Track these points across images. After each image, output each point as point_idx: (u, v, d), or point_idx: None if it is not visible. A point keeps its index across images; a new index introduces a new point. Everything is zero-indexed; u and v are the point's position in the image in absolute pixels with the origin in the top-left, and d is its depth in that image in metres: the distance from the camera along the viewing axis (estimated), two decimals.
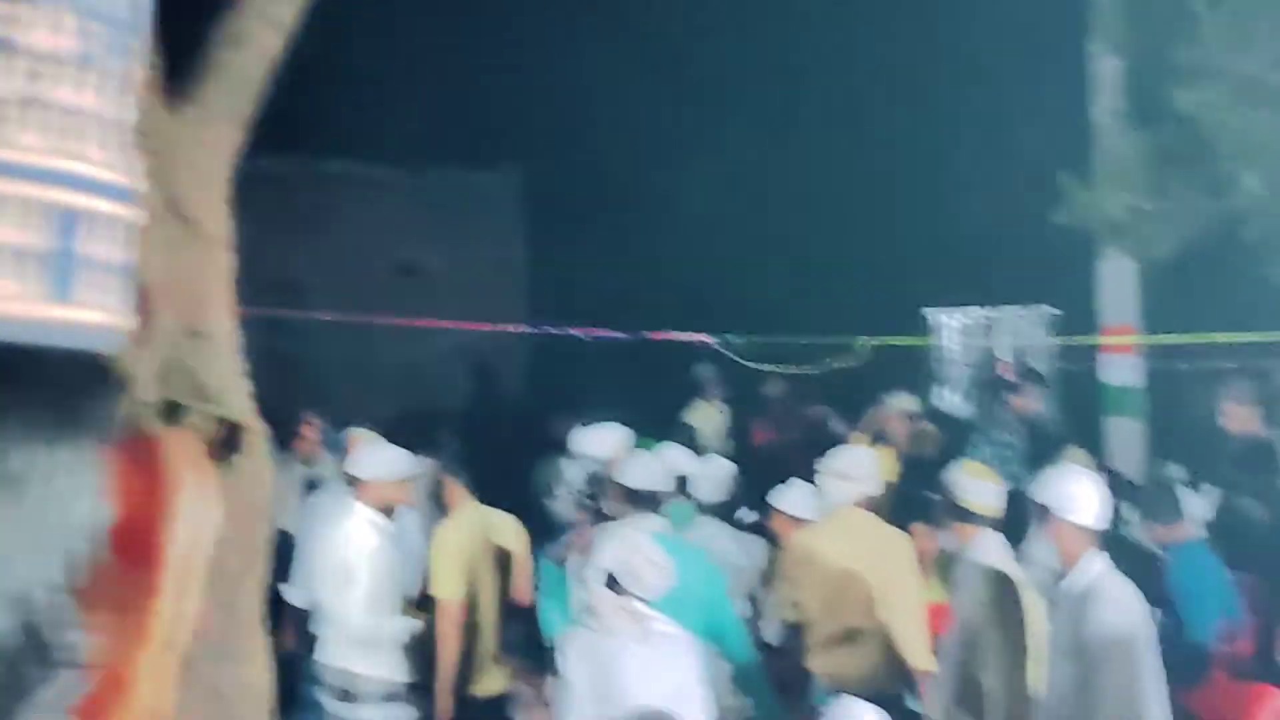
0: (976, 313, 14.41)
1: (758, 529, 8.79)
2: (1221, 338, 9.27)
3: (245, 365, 5.08)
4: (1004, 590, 6.32)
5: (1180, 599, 8.69)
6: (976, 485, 6.61)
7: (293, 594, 9.25)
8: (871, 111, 17.17)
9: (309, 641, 8.66)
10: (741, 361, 7.64)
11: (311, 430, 10.51)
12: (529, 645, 7.61)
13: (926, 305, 14.39)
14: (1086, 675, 5.75)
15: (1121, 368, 13.30)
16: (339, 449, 10.22)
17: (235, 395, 4.94)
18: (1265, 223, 11.10)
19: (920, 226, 17.04)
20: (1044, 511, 5.97)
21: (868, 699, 5.63)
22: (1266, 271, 11.17)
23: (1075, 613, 5.82)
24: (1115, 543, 8.98)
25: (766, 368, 8.20)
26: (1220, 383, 10.03)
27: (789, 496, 8.62)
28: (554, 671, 7.42)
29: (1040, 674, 6.33)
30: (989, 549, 6.46)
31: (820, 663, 7.60)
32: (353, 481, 7.93)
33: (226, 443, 4.76)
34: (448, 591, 7.93)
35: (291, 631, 9.28)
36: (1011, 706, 6.28)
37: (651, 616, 5.74)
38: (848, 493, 7.44)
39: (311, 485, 10.33)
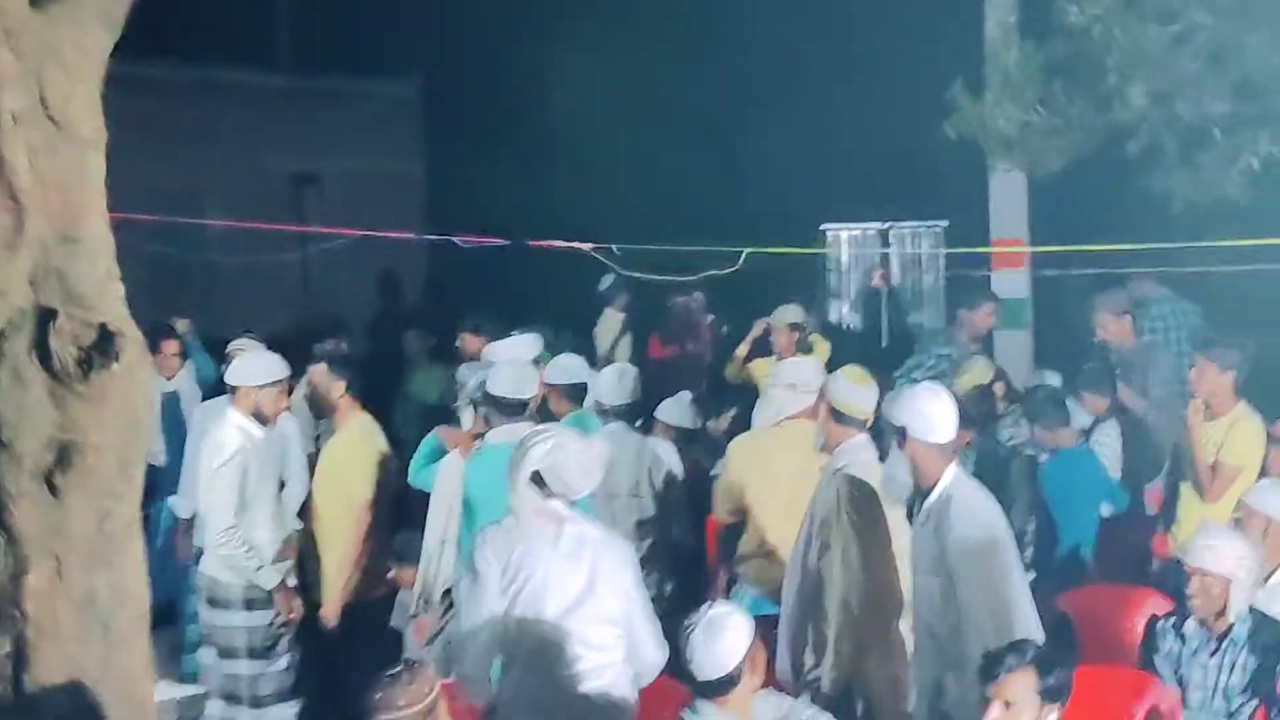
0: (868, 227, 14.51)
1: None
2: (1103, 248, 9.42)
3: (122, 271, 5.06)
4: (864, 496, 6.39)
5: (1056, 502, 8.89)
6: (853, 389, 6.63)
7: (180, 506, 9.24)
8: (766, 25, 17.16)
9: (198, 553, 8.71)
10: (618, 270, 7.71)
11: (170, 344, 10.30)
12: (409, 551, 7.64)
13: (819, 219, 14.50)
14: (953, 585, 5.85)
15: (1011, 281, 13.46)
16: (211, 358, 10.17)
17: (110, 301, 4.91)
18: (1150, 136, 11.24)
19: (813, 141, 17.10)
20: (902, 432, 6.00)
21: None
22: (1150, 183, 11.33)
23: (938, 526, 5.91)
24: (1000, 449, 9.16)
25: (646, 276, 8.25)
26: (1100, 292, 10.24)
27: (666, 407, 8.76)
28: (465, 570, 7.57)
29: (893, 583, 6.46)
30: (858, 454, 6.53)
31: (748, 567, 7.72)
32: (231, 389, 7.95)
33: (100, 349, 4.74)
34: (358, 493, 8.09)
35: (182, 543, 9.29)
36: (861, 615, 6.37)
37: (570, 518, 5.79)
38: (794, 403, 7.51)
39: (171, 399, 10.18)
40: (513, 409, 7.48)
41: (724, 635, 5.13)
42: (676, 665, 5.41)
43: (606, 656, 5.77)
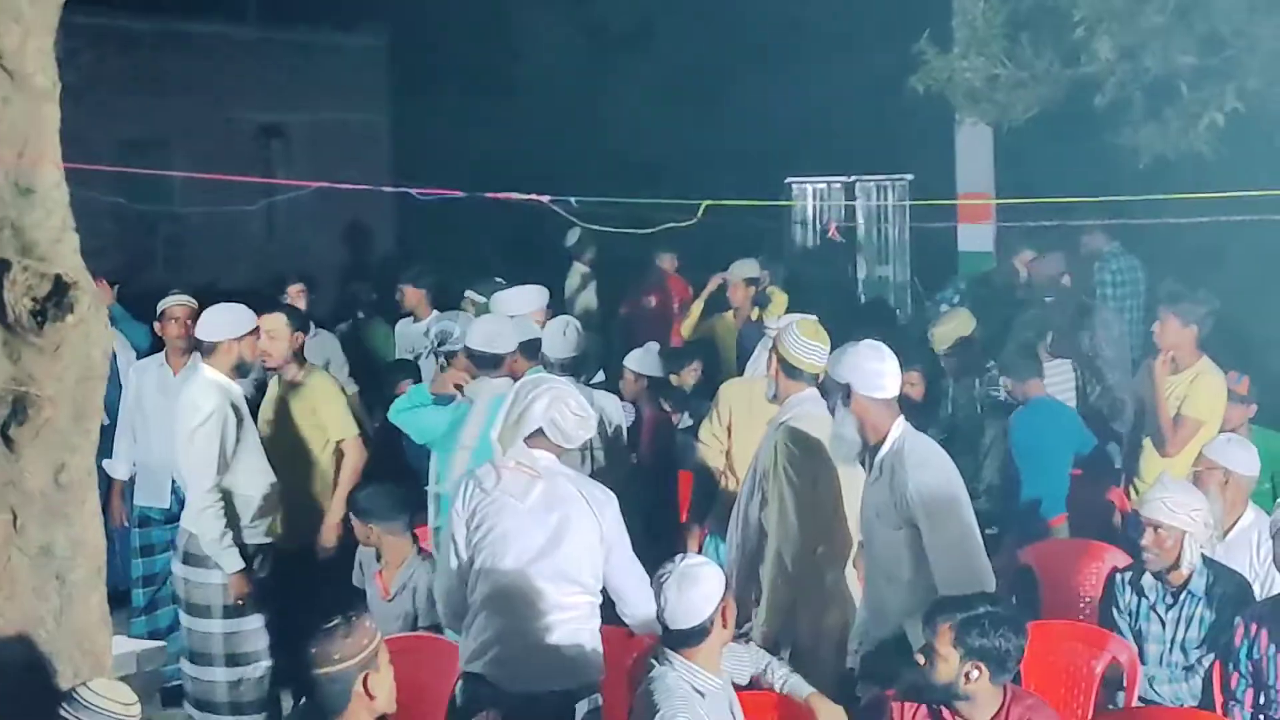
0: (834, 180, 14.50)
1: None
2: (1069, 200, 9.42)
3: (77, 223, 5.02)
4: (803, 450, 6.40)
5: (1023, 454, 8.92)
6: (805, 343, 6.60)
7: (114, 467, 9.13)
8: None
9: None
10: (578, 222, 7.69)
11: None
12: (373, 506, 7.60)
13: (784, 172, 14.49)
14: (917, 535, 5.85)
15: (977, 235, 13.51)
16: (140, 324, 10.07)
17: (65, 252, 4.88)
18: (1116, 89, 11.25)
19: (779, 94, 17.07)
20: (846, 390, 5.99)
21: None
22: (1116, 137, 11.35)
23: (892, 478, 5.90)
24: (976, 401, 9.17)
25: (606, 229, 8.22)
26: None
27: (637, 357, 8.76)
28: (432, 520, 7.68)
29: (834, 537, 6.50)
30: (804, 407, 6.54)
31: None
32: (200, 346, 7.85)
33: (55, 300, 4.71)
34: (344, 430, 8.26)
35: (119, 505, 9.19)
36: (796, 569, 6.40)
37: (548, 474, 5.79)
38: None
39: None
40: (488, 363, 7.59)
41: (696, 586, 5.15)
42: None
43: (571, 611, 5.77)
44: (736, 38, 17.62)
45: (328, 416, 8.28)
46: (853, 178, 14.39)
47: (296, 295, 10.47)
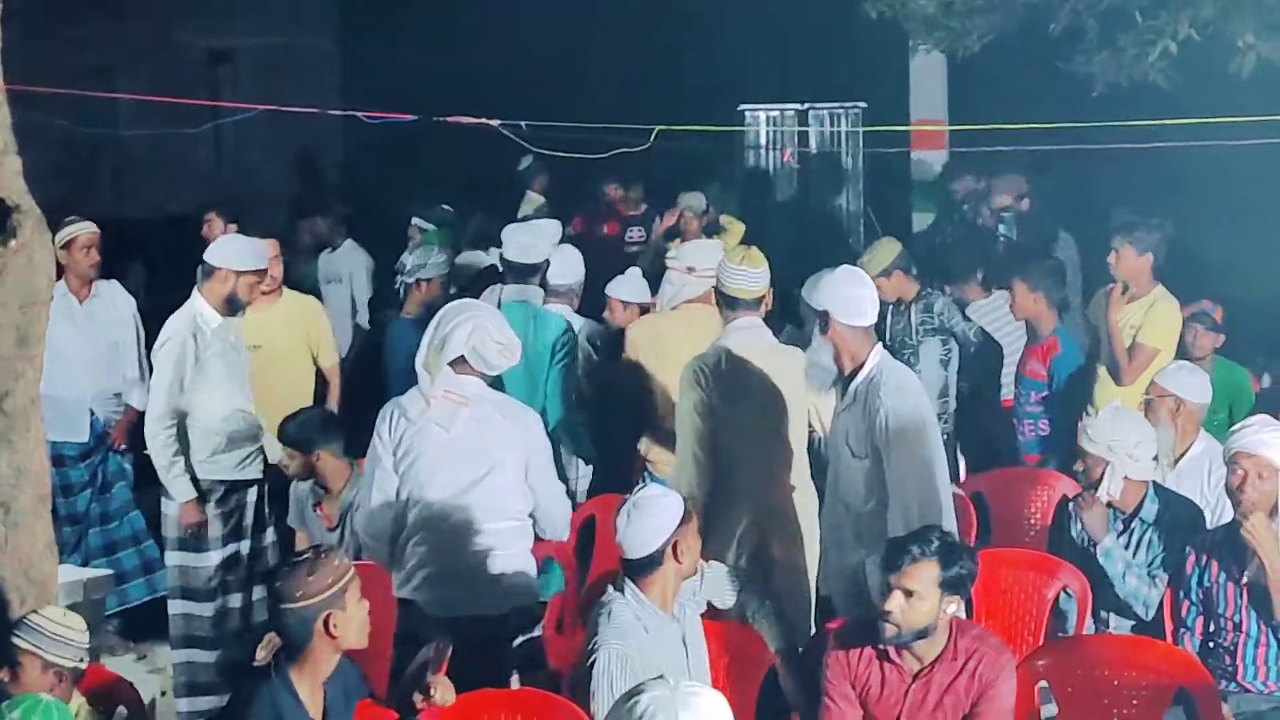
0: (786, 107, 14.40)
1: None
2: (1022, 127, 9.43)
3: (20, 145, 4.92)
4: (729, 370, 6.42)
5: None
6: (737, 271, 6.58)
7: None
8: None
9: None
10: (529, 147, 7.64)
11: None
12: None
13: (737, 99, 14.39)
14: (881, 464, 5.85)
15: (931, 162, 13.47)
16: None
17: (6, 176, 4.79)
18: (1071, 17, 11.19)
19: (732, 20, 16.94)
20: (824, 317, 5.96)
21: None
22: (1069, 64, 11.30)
23: (866, 405, 5.90)
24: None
25: (558, 154, 8.16)
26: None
27: (624, 284, 8.73)
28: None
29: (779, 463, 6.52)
30: (739, 334, 6.53)
31: (650, 453, 7.73)
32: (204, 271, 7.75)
33: None
34: (326, 354, 8.71)
35: None
36: (735, 496, 6.46)
37: (475, 400, 5.86)
38: (691, 287, 7.51)
39: None
40: (525, 272, 7.97)
41: (647, 517, 5.16)
42: None
43: (498, 536, 5.86)
44: None
45: (320, 341, 8.47)
46: (806, 105, 14.31)
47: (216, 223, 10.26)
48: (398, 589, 5.97)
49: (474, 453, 5.86)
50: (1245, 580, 5.83)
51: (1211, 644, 6.00)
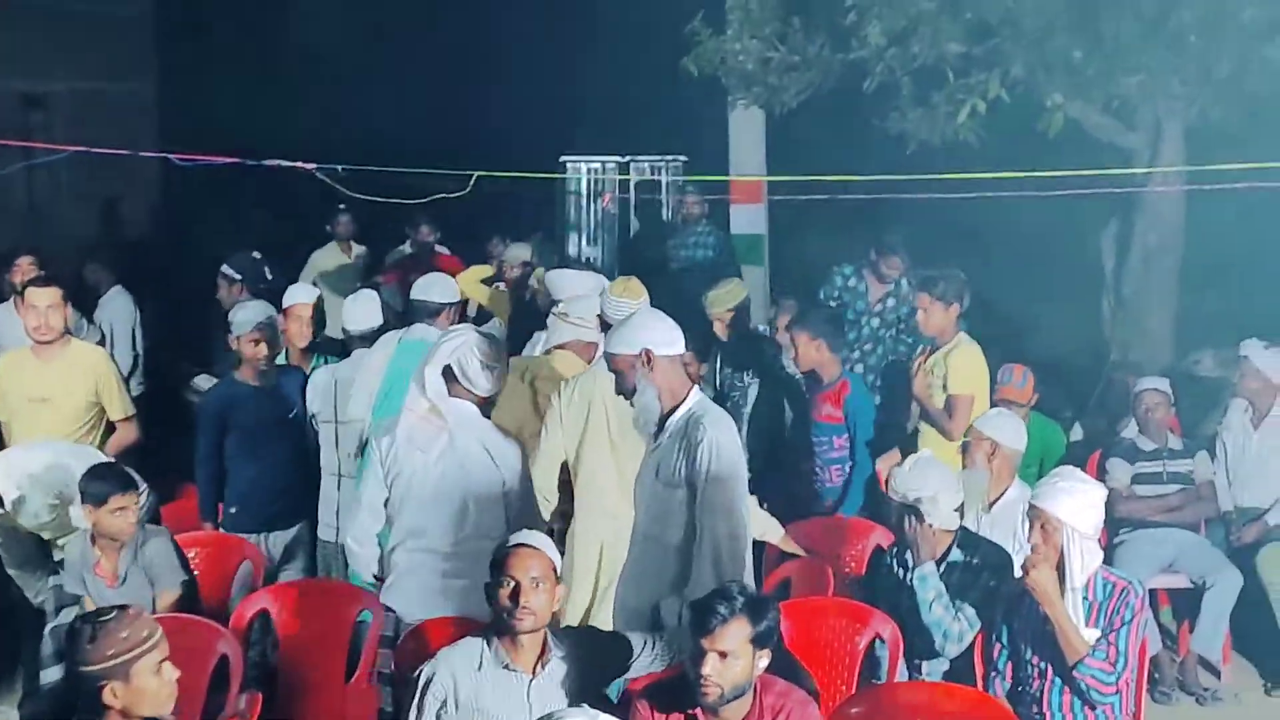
0: (608, 159, 14.47)
1: None
2: (837, 179, 9.55)
3: None
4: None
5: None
6: (617, 301, 6.99)
7: None
8: None
9: None
10: (345, 191, 7.56)
11: None
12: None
13: (559, 149, 14.43)
14: (694, 497, 5.82)
15: (749, 217, 13.59)
16: None
17: None
18: (886, 74, 11.38)
19: (556, 72, 17.01)
20: (647, 355, 5.94)
21: None
22: (884, 121, 11.50)
23: (687, 439, 5.85)
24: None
25: (376, 200, 8.09)
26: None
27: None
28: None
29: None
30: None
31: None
32: None
33: None
34: (128, 409, 8.38)
35: None
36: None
37: (457, 427, 6.12)
38: (561, 333, 7.60)
39: None
40: (431, 311, 8.13)
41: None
42: None
43: (477, 557, 5.86)
44: (514, 14, 17.48)
45: (107, 392, 8.14)
46: (627, 157, 14.38)
47: (27, 268, 10.01)
48: (382, 596, 6.32)
49: (451, 476, 6.13)
50: (1047, 627, 5.89)
51: (1020, 689, 6.06)
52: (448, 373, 6.17)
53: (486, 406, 6.32)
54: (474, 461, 6.16)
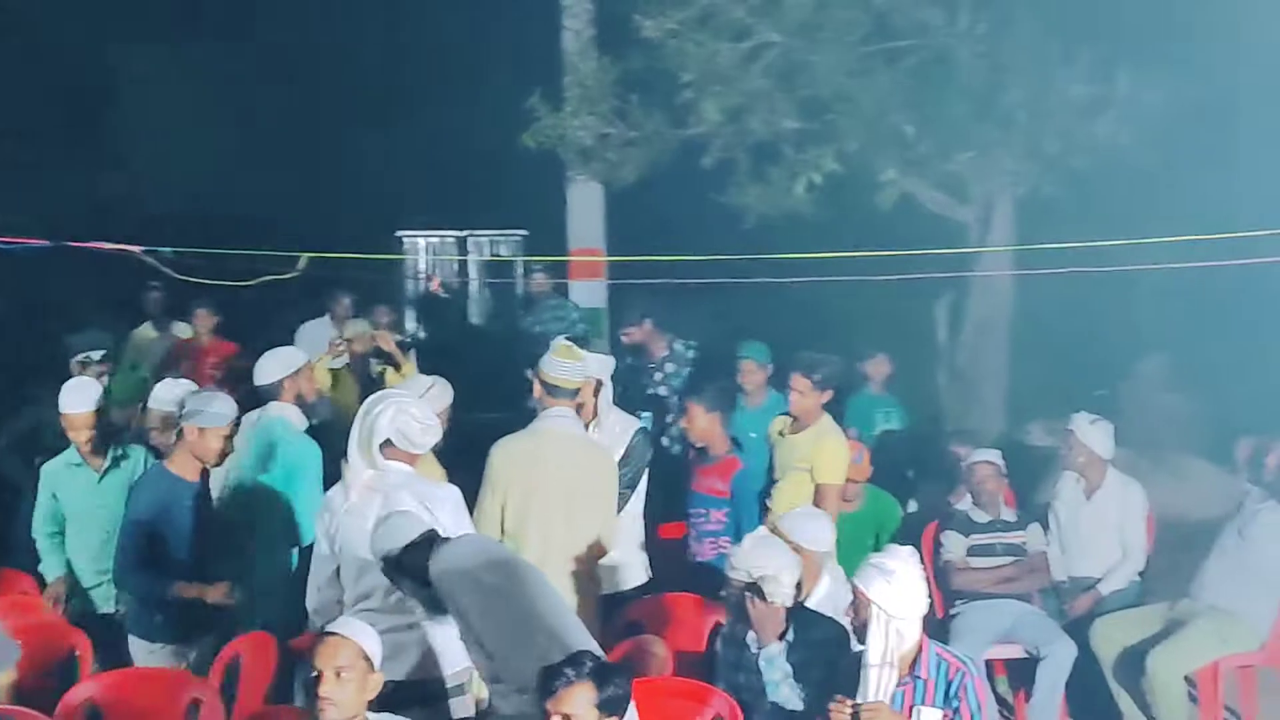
0: (446, 234, 14.44)
1: None
2: (675, 259, 9.58)
3: None
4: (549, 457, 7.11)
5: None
6: (557, 363, 7.33)
7: None
8: (344, 28, 16.86)
9: None
10: (172, 274, 7.46)
11: None
12: None
13: (395, 225, 14.36)
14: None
15: (589, 291, 13.62)
16: None
17: None
18: (723, 150, 11.49)
19: (391, 148, 16.92)
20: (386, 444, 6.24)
21: None
22: (722, 195, 11.58)
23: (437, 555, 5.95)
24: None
25: (205, 281, 7.98)
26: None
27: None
28: None
29: None
30: (552, 422, 7.21)
31: None
32: None
33: None
34: None
35: None
36: None
37: (393, 488, 6.15)
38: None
39: None
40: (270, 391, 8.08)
41: None
42: None
43: (409, 616, 6.04)
44: (348, 90, 17.37)
45: None
46: (465, 232, 14.36)
47: None
48: None
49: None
50: None
51: None
52: (386, 442, 6.22)
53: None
54: (409, 521, 6.05)
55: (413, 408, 6.31)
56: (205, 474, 7.38)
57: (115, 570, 7.46)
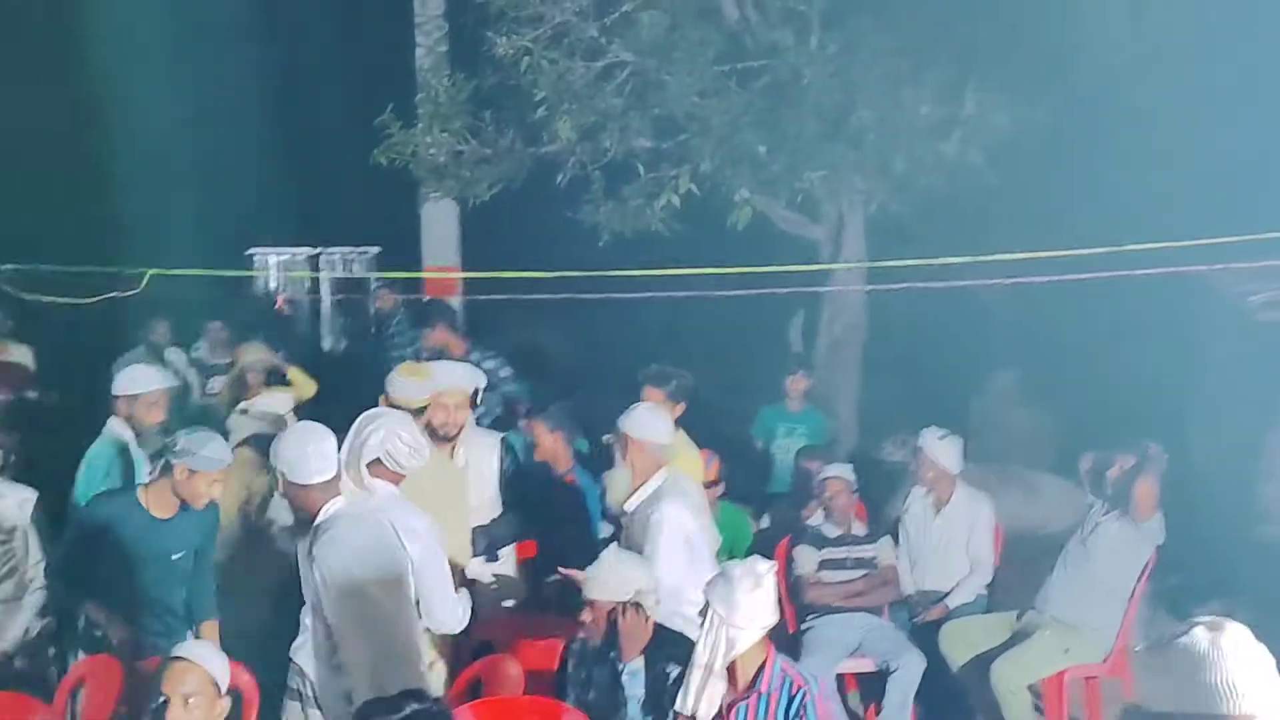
0: (298, 251, 14.31)
1: None
2: (532, 275, 9.62)
3: None
4: None
5: None
6: (401, 382, 7.34)
7: None
8: (198, 44, 16.67)
9: None
10: (11, 291, 7.31)
11: None
12: None
13: (246, 242, 14.21)
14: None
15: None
16: None
17: None
18: (578, 168, 11.52)
19: (241, 163, 16.72)
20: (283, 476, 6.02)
21: None
22: (577, 213, 11.61)
23: (310, 557, 5.89)
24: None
25: (45, 299, 7.83)
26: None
27: None
28: None
29: None
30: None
31: None
32: None
33: None
34: None
35: None
36: None
37: (374, 509, 6.03)
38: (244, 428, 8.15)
39: None
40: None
41: None
42: None
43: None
44: (198, 105, 17.15)
45: None
46: (318, 249, 14.24)
47: None
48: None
49: (367, 554, 5.94)
50: None
51: None
52: (375, 460, 6.14)
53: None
54: (385, 541, 6.01)
55: (403, 430, 6.22)
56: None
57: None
